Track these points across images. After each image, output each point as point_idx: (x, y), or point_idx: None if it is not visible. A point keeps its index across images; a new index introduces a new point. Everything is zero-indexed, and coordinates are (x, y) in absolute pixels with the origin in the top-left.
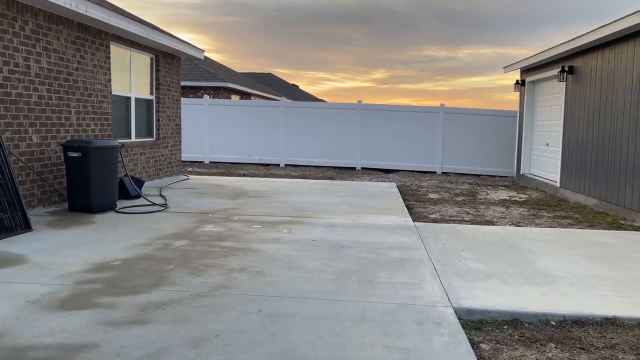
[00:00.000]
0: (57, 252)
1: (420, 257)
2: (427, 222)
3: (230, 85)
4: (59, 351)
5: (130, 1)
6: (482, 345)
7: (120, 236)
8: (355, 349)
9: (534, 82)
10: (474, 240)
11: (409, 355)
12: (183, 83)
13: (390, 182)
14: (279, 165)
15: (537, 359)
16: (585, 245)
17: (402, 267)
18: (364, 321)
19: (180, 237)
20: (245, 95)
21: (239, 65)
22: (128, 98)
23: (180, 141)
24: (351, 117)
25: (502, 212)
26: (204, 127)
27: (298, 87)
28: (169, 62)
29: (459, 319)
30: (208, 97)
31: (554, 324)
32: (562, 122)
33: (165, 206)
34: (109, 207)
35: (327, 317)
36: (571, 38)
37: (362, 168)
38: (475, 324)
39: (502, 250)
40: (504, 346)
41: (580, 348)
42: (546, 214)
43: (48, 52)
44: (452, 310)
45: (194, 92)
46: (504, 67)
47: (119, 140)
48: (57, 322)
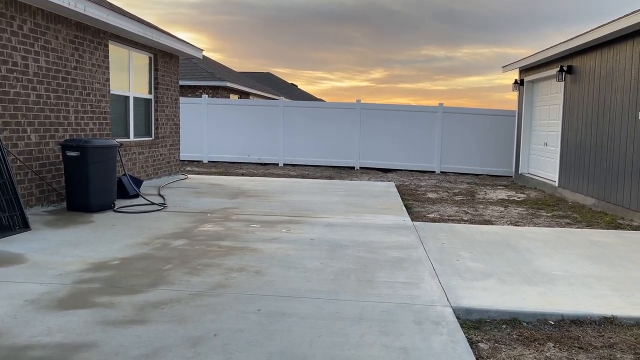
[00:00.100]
0: (56, 252)
1: (418, 257)
2: (425, 221)
3: (229, 84)
4: (57, 350)
5: (129, 0)
6: (481, 345)
7: (119, 235)
8: (354, 348)
9: (532, 82)
10: (472, 239)
11: (407, 354)
12: (182, 82)
13: (389, 181)
14: (277, 164)
15: (535, 358)
16: (584, 244)
17: (401, 267)
18: (362, 320)
19: (179, 236)
20: (243, 95)
21: (238, 65)
22: (126, 97)
23: (179, 140)
24: (350, 116)
25: (501, 212)
26: (203, 126)
27: (297, 86)
28: (167, 61)
29: (458, 318)
30: (207, 96)
31: (553, 323)
32: (560, 122)
33: (163, 205)
34: (108, 207)
35: (326, 317)
36: (570, 38)
37: (360, 167)
38: (474, 324)
39: (500, 250)
40: (503, 345)
41: (578, 347)
42: (545, 214)
43: (46, 51)
44: (451, 309)
45: (193, 91)
46: (503, 67)
47: (118, 140)
48: (56, 322)
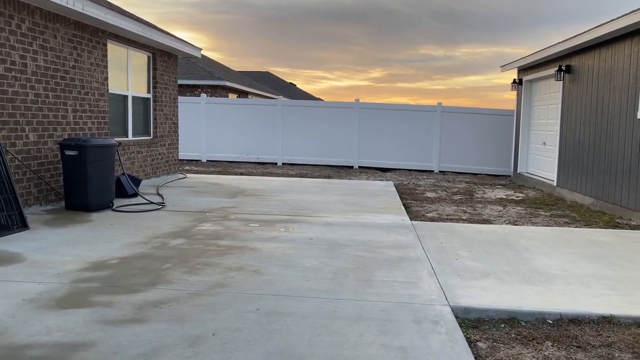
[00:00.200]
0: (54, 251)
1: (417, 256)
2: (424, 220)
3: (228, 83)
4: (56, 350)
5: None
6: (479, 344)
7: (117, 235)
8: (353, 347)
9: (531, 81)
10: (471, 239)
11: (406, 353)
12: (180, 81)
13: (388, 180)
14: (276, 164)
15: (534, 357)
16: (582, 244)
17: (400, 266)
18: (361, 320)
19: (178, 235)
20: (242, 94)
21: (236, 64)
22: (125, 96)
23: (178, 140)
24: (349, 116)
25: (499, 211)
26: (201, 125)
27: (295, 85)
28: (166, 60)
29: (456, 317)
30: (205, 95)
31: (551, 322)
32: (559, 121)
33: (162, 205)
34: (106, 206)
35: (325, 316)
36: (568, 37)
37: (359, 167)
38: (472, 323)
39: (499, 249)
40: (501, 345)
41: (576, 346)
42: (543, 213)
43: (45, 50)
44: (449, 308)
45: (191, 90)
46: (502, 66)
47: (116, 139)
48: (54, 321)
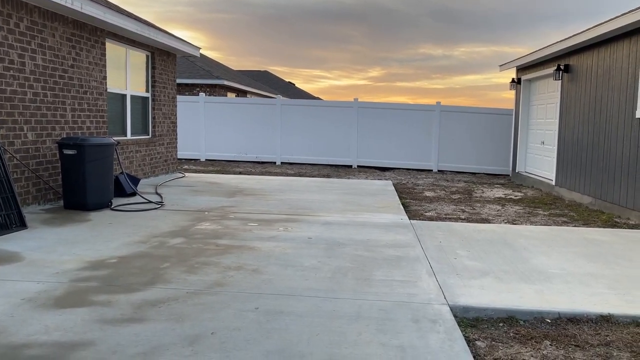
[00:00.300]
0: (53, 250)
1: (416, 255)
2: (423, 220)
3: (226, 82)
4: (55, 349)
5: None
6: (478, 343)
7: (116, 234)
8: (351, 346)
9: (529, 81)
10: (469, 238)
11: (404, 352)
12: (179, 80)
13: (387, 180)
14: (275, 163)
15: (532, 356)
16: (580, 243)
17: (398, 265)
18: (360, 319)
19: (176, 234)
20: (241, 93)
21: (235, 63)
22: (124, 95)
23: (176, 139)
24: (347, 115)
25: (498, 210)
26: (200, 124)
27: (294, 84)
28: (164, 59)
29: (455, 316)
30: (204, 94)
31: (549, 321)
32: (557, 121)
33: (161, 204)
34: (105, 205)
35: (323, 315)
36: (567, 37)
37: (358, 166)
38: (471, 322)
39: (497, 248)
40: (500, 343)
41: (575, 345)
42: (542, 212)
43: (43, 49)
44: (448, 307)
45: (190, 89)
46: (500, 66)
47: (115, 138)
48: (53, 320)
